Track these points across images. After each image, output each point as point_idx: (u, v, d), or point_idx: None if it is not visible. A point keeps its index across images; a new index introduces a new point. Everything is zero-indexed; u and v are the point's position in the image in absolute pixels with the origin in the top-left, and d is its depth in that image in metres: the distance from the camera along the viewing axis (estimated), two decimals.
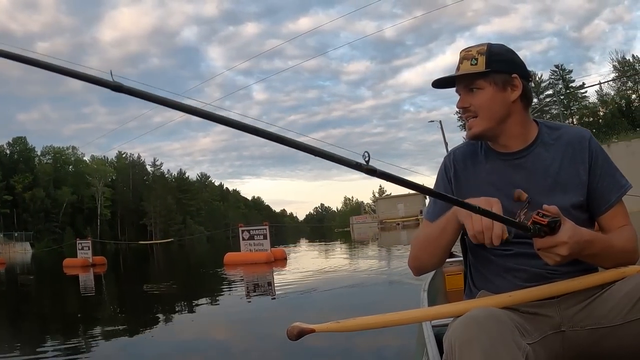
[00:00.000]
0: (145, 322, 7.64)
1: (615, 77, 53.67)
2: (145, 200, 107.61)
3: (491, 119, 1.82)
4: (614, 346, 1.55)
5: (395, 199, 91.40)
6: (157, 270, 21.34)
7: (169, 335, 6.53)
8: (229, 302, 9.22)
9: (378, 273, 12.45)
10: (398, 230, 49.79)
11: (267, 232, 17.13)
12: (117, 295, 12.36)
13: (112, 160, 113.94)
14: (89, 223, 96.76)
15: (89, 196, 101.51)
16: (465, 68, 1.84)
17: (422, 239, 1.89)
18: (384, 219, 76.12)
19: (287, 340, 1.53)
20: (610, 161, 1.82)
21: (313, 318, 6.09)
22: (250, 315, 7.79)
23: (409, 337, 4.21)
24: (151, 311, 8.68)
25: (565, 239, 1.48)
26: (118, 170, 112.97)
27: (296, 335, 1.51)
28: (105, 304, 10.64)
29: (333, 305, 7.86)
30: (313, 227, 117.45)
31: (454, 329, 1.43)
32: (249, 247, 17.17)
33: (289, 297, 8.89)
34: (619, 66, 57.15)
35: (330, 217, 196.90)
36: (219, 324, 7.07)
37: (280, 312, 7.72)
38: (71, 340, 6.47)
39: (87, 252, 22.82)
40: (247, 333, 6.31)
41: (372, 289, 9.22)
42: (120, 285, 15.56)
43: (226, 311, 8.29)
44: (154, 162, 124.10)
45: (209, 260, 25.56)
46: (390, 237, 36.45)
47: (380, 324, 1.64)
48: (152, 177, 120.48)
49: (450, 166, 1.98)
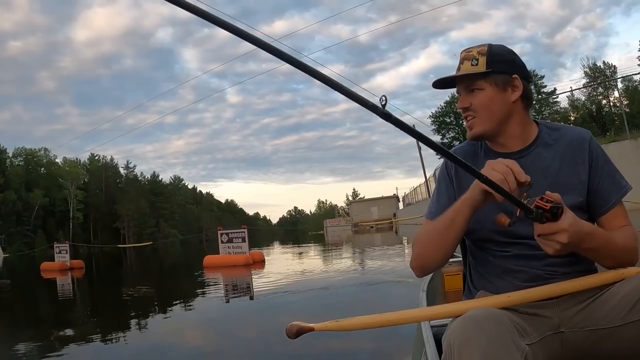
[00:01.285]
0: (130, 325, 7.63)
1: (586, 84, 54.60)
2: (118, 204, 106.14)
3: (492, 119, 1.84)
4: (613, 347, 1.56)
5: (368, 202, 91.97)
6: (136, 273, 21.16)
7: (156, 337, 6.51)
8: (213, 304, 9.26)
9: (357, 273, 12.69)
10: (372, 233, 50.03)
11: (245, 235, 17.24)
12: (99, 299, 12.29)
13: (85, 162, 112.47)
14: (61, 226, 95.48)
15: (61, 199, 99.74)
16: (466, 68, 1.85)
17: (427, 235, 1.85)
18: (358, 222, 76.40)
19: (271, 339, 1.66)
20: (611, 162, 1.84)
21: (298, 318, 6.35)
22: (236, 315, 7.90)
23: (407, 337, 4.26)
24: (136, 314, 8.66)
25: (565, 227, 1.49)
26: (91, 173, 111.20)
27: (295, 333, 1.52)
28: (87, 308, 10.55)
29: (316, 305, 7.97)
30: (287, 231, 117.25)
31: (452, 329, 1.45)
32: (228, 250, 17.27)
33: (271, 298, 8.94)
34: (590, 72, 58.14)
35: (304, 220, 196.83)
36: (204, 326, 7.09)
37: (264, 313, 7.74)
38: (53, 344, 6.43)
39: (64, 255, 22.70)
40: (236, 332, 6.41)
41: (352, 289, 9.32)
42: (101, 289, 15.46)
43: (210, 312, 8.29)
44: (127, 164, 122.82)
45: (187, 264, 25.53)
46: (364, 239, 36.55)
47: (379, 324, 1.66)
48: (125, 180, 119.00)
49: (452, 166, 1.99)
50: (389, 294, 8.54)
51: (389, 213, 76.51)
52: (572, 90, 53.79)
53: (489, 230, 1.80)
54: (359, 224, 70.47)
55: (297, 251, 27.32)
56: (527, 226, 1.66)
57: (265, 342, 5.62)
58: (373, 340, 4.77)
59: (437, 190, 2.01)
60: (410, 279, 9.52)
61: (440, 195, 1.98)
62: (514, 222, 1.53)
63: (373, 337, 4.76)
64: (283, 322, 1.57)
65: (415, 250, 1.88)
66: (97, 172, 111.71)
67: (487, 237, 1.82)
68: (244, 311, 8.26)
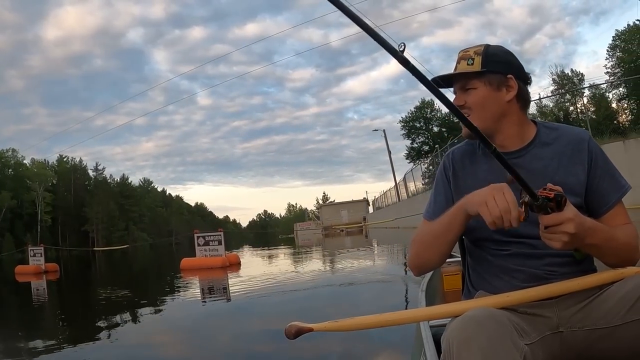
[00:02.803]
0: (119, 327, 7.49)
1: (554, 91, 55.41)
2: (87, 206, 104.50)
3: (485, 118, 1.85)
4: (612, 347, 1.56)
5: (339, 206, 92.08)
6: (114, 277, 20.94)
7: (145, 340, 6.41)
8: (197, 306, 9.24)
9: (333, 274, 12.94)
10: (342, 236, 50.22)
11: (222, 238, 17.41)
12: (79, 302, 12.04)
13: (53, 164, 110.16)
14: (29, 229, 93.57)
15: (29, 201, 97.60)
16: (462, 68, 1.88)
17: (425, 236, 1.88)
18: (329, 225, 76.67)
19: (258, 340, 1.69)
20: (610, 162, 1.85)
21: (286, 318, 6.48)
22: (222, 315, 7.97)
23: (406, 337, 4.31)
24: (121, 317, 8.51)
25: (571, 216, 1.50)
26: (59, 175, 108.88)
27: (294, 334, 1.51)
28: (68, 311, 10.29)
29: (297, 305, 7.99)
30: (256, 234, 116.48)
31: (452, 329, 1.44)
32: (204, 253, 17.42)
33: (256, 299, 9.02)
34: (558, 80, 59.11)
35: (274, 224, 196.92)
36: (188, 328, 6.99)
37: (254, 313, 7.74)
38: (35, 347, 6.29)
39: (39, 259, 22.42)
40: (228, 330, 6.45)
41: (331, 289, 9.45)
42: (80, 292, 15.23)
43: (195, 314, 8.29)
44: (96, 166, 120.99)
45: (163, 267, 25.44)
46: (335, 242, 36.57)
47: (378, 324, 1.65)
48: (94, 182, 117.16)
49: (449, 166, 2.01)
50: (384, 294, 8.67)
51: (359, 217, 76.84)
52: (541, 99, 54.79)
53: (488, 228, 1.75)
54: (332, 227, 70.76)
55: (270, 254, 27.47)
56: (526, 225, 1.69)
57: (258, 341, 5.70)
58: (372, 340, 4.80)
59: (435, 191, 2.03)
60: (387, 278, 9.89)
61: (437, 195, 2.00)
62: (525, 217, 1.56)
63: (372, 337, 4.80)
64: (271, 323, 1.59)
65: (413, 250, 1.90)
66: (65, 174, 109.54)
67: (486, 236, 1.84)
68: (233, 312, 8.26)
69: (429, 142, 78.70)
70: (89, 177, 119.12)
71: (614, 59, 54.77)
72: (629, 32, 52.41)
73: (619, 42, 54.52)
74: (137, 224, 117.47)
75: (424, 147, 79.84)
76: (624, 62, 51.79)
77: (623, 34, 53.71)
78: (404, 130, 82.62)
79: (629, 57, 50.83)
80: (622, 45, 53.94)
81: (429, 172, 45.69)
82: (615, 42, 54.77)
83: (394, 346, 4.57)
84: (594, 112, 45.63)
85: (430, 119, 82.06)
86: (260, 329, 6.38)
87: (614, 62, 54.68)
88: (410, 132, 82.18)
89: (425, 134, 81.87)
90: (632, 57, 50.37)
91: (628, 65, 49.96)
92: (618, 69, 53.62)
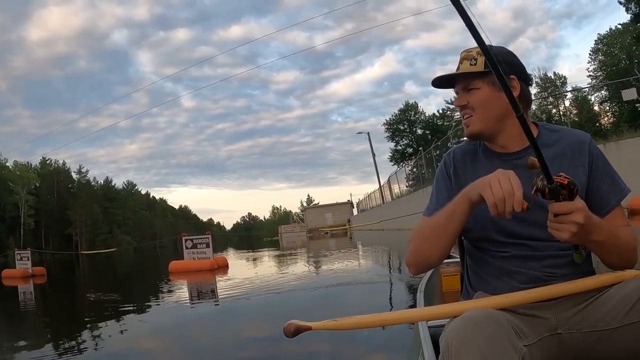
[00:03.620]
0: (116, 330, 7.37)
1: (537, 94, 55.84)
2: (71, 209, 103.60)
3: (488, 118, 1.84)
4: (610, 349, 1.56)
5: (323, 208, 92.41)
6: (101, 280, 20.68)
7: (148, 342, 6.31)
8: (185, 309, 9.05)
9: (320, 275, 13.02)
10: (326, 238, 50.29)
11: (209, 240, 17.53)
12: (68, 306, 11.78)
13: (36, 166, 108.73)
14: (12, 232, 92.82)
15: (12, 204, 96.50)
16: (465, 68, 1.87)
17: (426, 230, 1.82)
18: (313, 227, 76.73)
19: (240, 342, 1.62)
20: (610, 165, 1.85)
21: (279, 317, 6.27)
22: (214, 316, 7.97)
23: (405, 337, 4.27)
24: (117, 320, 8.36)
25: (581, 206, 1.49)
26: (42, 177, 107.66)
27: (293, 332, 1.51)
28: (55, 315, 10.09)
29: (288, 306, 8.01)
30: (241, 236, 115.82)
31: (450, 329, 1.44)
32: (192, 256, 17.49)
33: (244, 300, 9.01)
34: (541, 82, 59.76)
35: (258, 226, 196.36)
36: (185, 328, 7.01)
37: (238, 315, 7.78)
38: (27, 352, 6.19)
39: (26, 262, 22.34)
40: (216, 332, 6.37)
41: (323, 290, 9.42)
42: (67, 295, 14.89)
43: (186, 315, 8.25)
44: (80, 169, 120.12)
45: (150, 270, 25.38)
46: (319, 244, 36.75)
47: (376, 323, 1.66)
48: (77, 185, 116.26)
49: (450, 163, 1.99)
50: (383, 294, 8.77)
51: (344, 219, 77.12)
52: None
53: (487, 229, 1.82)
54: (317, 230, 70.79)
55: (256, 256, 27.48)
56: (526, 226, 1.73)
57: (250, 344, 5.66)
58: (370, 339, 4.80)
59: (436, 189, 2.00)
60: (374, 279, 9.93)
61: (439, 192, 1.96)
62: (533, 203, 1.55)
63: (370, 336, 4.81)
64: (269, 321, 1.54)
65: (411, 247, 1.85)
66: (48, 176, 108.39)
67: (485, 236, 1.84)
68: (224, 314, 8.25)
69: (412, 145, 79.00)
70: (72, 180, 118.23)
71: (596, 62, 55.54)
72: (611, 36, 53.18)
73: (601, 45, 55.27)
74: (121, 227, 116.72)
75: (407, 150, 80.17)
76: (606, 65, 52.52)
77: (605, 37, 54.50)
78: (388, 133, 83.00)
79: (611, 61, 51.54)
80: (604, 48, 54.72)
81: (413, 175, 45.99)
82: (597, 45, 55.56)
83: (391, 346, 4.59)
84: (576, 115, 46.15)
85: (414, 122, 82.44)
86: (252, 330, 6.40)
87: (596, 65, 55.42)
88: (394, 134, 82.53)
89: (409, 137, 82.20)
90: (614, 60, 51.05)
91: (610, 68, 50.62)
92: (600, 72, 54.35)
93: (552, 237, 1.64)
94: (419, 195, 35.34)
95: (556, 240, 1.65)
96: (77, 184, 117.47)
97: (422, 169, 39.48)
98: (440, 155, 35.90)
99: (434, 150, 35.52)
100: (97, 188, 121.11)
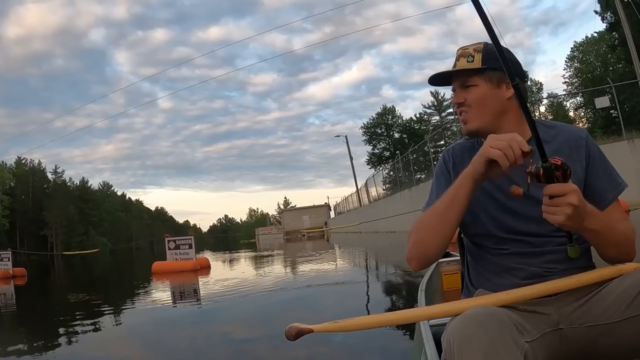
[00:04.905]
0: (107, 330, 7.24)
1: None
2: (46, 210, 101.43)
3: (485, 115, 1.84)
4: (612, 343, 1.56)
5: (300, 211, 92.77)
6: (82, 281, 20.39)
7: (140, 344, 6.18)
8: (168, 309, 8.91)
9: (298, 276, 13.06)
10: (304, 241, 50.51)
11: (192, 242, 17.69)
12: (54, 307, 11.45)
13: (11, 166, 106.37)
14: None
15: None
16: (462, 65, 1.86)
17: (426, 219, 1.80)
18: (290, 230, 76.98)
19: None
20: (607, 160, 1.85)
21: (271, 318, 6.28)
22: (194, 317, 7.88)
23: (407, 336, 4.40)
24: (106, 320, 8.23)
25: (575, 188, 1.49)
26: (17, 177, 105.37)
27: (294, 335, 1.49)
28: (38, 316, 9.72)
29: (271, 307, 7.94)
30: (217, 239, 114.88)
31: (452, 328, 1.44)
32: (175, 257, 17.67)
33: (228, 300, 8.92)
34: None
35: (235, 229, 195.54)
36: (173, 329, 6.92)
37: (224, 315, 7.69)
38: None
39: (7, 263, 22.17)
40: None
41: (305, 290, 9.36)
42: (50, 296, 14.74)
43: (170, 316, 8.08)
44: (55, 169, 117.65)
45: (131, 271, 25.38)
46: (297, 246, 36.94)
47: (378, 324, 1.64)
48: (53, 186, 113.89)
49: (449, 159, 1.99)
50: (383, 294, 8.78)
51: (321, 221, 77.48)
52: None
53: (487, 224, 1.82)
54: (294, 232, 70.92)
55: (234, 257, 27.72)
56: (524, 222, 1.74)
57: (238, 344, 5.60)
58: (372, 340, 4.78)
59: (436, 184, 1.98)
60: (351, 280, 9.94)
61: (439, 186, 1.93)
62: (528, 188, 1.55)
63: (372, 337, 4.79)
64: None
65: (411, 240, 1.81)
66: (24, 176, 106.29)
67: (485, 232, 1.83)
68: (209, 314, 8.09)
69: (390, 148, 79.63)
70: (48, 180, 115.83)
71: (572, 69, 56.58)
72: (587, 43, 54.18)
73: (577, 53, 56.29)
74: (97, 229, 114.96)
75: (385, 153, 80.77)
76: (581, 72, 53.56)
77: (581, 45, 55.54)
78: (365, 136, 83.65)
79: (587, 68, 52.57)
80: (579, 56, 55.74)
81: (390, 178, 46.36)
82: (573, 53, 56.57)
83: (394, 346, 4.63)
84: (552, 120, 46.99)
85: (392, 125, 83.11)
86: (241, 330, 6.39)
87: (571, 72, 56.44)
88: (372, 138, 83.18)
89: (386, 140, 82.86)
90: (589, 67, 52.07)
91: (585, 75, 51.62)
92: (576, 78, 55.40)
93: (551, 233, 1.70)
94: (396, 199, 35.78)
95: (555, 235, 1.71)
96: (53, 184, 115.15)
97: (399, 172, 39.80)
98: (417, 159, 36.53)
99: (410, 154, 35.89)
100: (73, 189, 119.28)
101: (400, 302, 7.50)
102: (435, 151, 34.45)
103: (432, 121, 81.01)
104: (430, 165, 32.33)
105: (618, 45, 35.23)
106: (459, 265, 2.64)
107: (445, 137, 46.16)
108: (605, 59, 47.06)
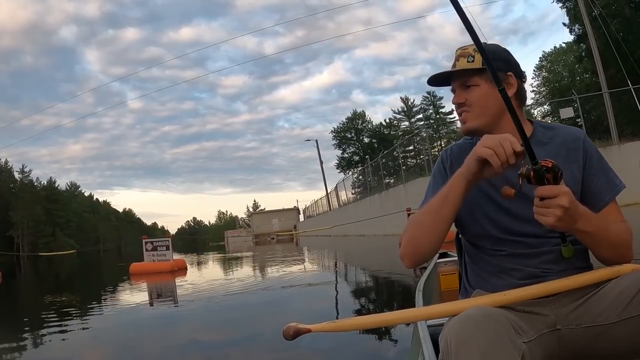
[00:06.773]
0: (97, 330, 7.11)
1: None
2: (12, 210, 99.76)
3: (485, 114, 1.84)
4: (610, 344, 1.56)
5: (269, 214, 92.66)
6: (58, 282, 20.12)
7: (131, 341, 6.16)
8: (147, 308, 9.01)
9: (273, 276, 12.82)
10: (273, 244, 50.64)
11: (169, 243, 17.82)
12: (37, 307, 10.91)
13: None
14: None
15: None
16: (462, 65, 1.86)
17: (418, 218, 1.81)
18: (259, 233, 77.02)
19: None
20: (604, 161, 1.86)
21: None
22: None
23: (404, 336, 4.37)
24: (90, 320, 8.17)
25: (566, 190, 1.50)
26: None
27: (292, 335, 1.48)
28: (27, 315, 9.52)
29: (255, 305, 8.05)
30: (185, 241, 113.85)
31: (450, 328, 1.43)
32: (152, 258, 17.65)
33: (206, 301, 9.05)
34: None
35: (203, 231, 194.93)
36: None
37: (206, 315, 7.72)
38: None
39: None
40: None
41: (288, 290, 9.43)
42: (31, 297, 14.40)
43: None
44: (22, 168, 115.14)
45: (107, 271, 25.27)
46: (266, 249, 37.01)
47: (375, 324, 1.67)
48: (19, 185, 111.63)
49: (447, 159, 1.99)
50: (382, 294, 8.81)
51: (290, 225, 77.49)
52: None
53: (484, 225, 1.83)
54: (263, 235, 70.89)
55: (205, 259, 27.87)
56: (521, 223, 1.75)
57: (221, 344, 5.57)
58: (370, 340, 4.80)
59: (433, 184, 1.98)
60: (323, 281, 9.94)
61: (435, 186, 1.92)
62: (519, 189, 1.56)
63: (370, 337, 4.82)
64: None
65: (405, 237, 1.82)
66: None
67: (482, 233, 1.84)
68: (189, 314, 8.03)
69: (359, 153, 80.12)
70: (14, 180, 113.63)
71: (540, 78, 57.63)
72: (555, 54, 55.30)
73: (545, 62, 57.41)
74: (64, 230, 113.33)
75: (354, 158, 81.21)
76: (549, 81, 54.67)
77: (549, 55, 56.70)
78: (335, 140, 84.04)
79: (554, 77, 53.67)
80: (548, 65, 56.82)
81: (359, 182, 46.65)
82: (541, 62, 57.64)
83: (391, 346, 4.65)
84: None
85: (361, 130, 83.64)
86: (248, 329, 6.26)
87: (540, 81, 57.49)
88: (342, 142, 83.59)
89: (356, 145, 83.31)
90: (557, 77, 53.16)
91: (553, 84, 52.67)
92: (544, 87, 56.45)
93: (547, 234, 1.70)
94: (366, 203, 36.06)
95: (552, 236, 1.71)
96: (20, 184, 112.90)
97: (369, 177, 40.13)
98: (387, 164, 36.86)
99: (380, 159, 36.23)
100: (40, 189, 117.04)
101: (390, 303, 7.38)
102: (404, 156, 34.66)
103: (402, 126, 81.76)
104: (400, 170, 32.84)
105: (585, 57, 35.92)
106: (456, 265, 2.70)
107: (414, 142, 46.63)
108: (573, 69, 48.10)
